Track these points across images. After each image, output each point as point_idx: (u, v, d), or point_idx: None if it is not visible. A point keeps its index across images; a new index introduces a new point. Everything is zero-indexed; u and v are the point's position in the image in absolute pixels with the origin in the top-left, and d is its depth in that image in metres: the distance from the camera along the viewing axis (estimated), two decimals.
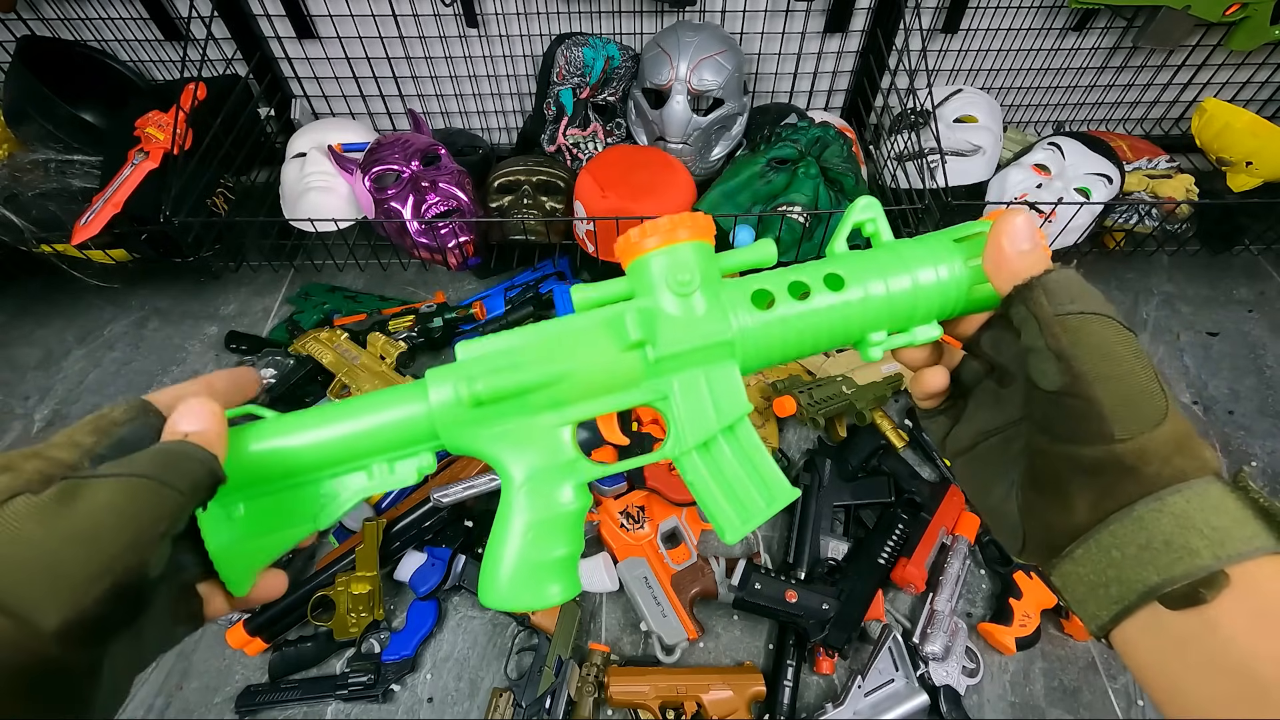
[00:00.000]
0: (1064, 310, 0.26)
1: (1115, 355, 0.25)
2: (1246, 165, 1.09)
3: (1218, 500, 0.24)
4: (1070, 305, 0.26)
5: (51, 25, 1.15)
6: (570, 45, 1.13)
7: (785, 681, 0.77)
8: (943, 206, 1.00)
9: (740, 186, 1.04)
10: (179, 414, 0.25)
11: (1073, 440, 0.25)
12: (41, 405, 1.07)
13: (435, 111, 1.30)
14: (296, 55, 1.20)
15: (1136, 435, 0.24)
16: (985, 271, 0.29)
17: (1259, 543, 0.23)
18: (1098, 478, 0.25)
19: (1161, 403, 0.25)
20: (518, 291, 1.14)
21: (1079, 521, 0.25)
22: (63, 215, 0.99)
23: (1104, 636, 0.26)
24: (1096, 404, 0.24)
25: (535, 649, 0.79)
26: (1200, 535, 0.23)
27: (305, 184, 1.07)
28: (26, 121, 1.04)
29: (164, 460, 0.22)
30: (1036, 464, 0.27)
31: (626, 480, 0.88)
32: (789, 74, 1.25)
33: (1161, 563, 0.23)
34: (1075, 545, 0.26)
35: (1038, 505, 0.27)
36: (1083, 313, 0.25)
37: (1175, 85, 1.31)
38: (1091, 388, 0.24)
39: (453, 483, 0.85)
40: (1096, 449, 0.24)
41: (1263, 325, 1.18)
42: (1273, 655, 0.21)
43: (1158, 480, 0.24)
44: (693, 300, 0.30)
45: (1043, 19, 1.20)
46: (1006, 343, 0.29)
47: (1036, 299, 0.26)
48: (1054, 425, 0.26)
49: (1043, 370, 0.26)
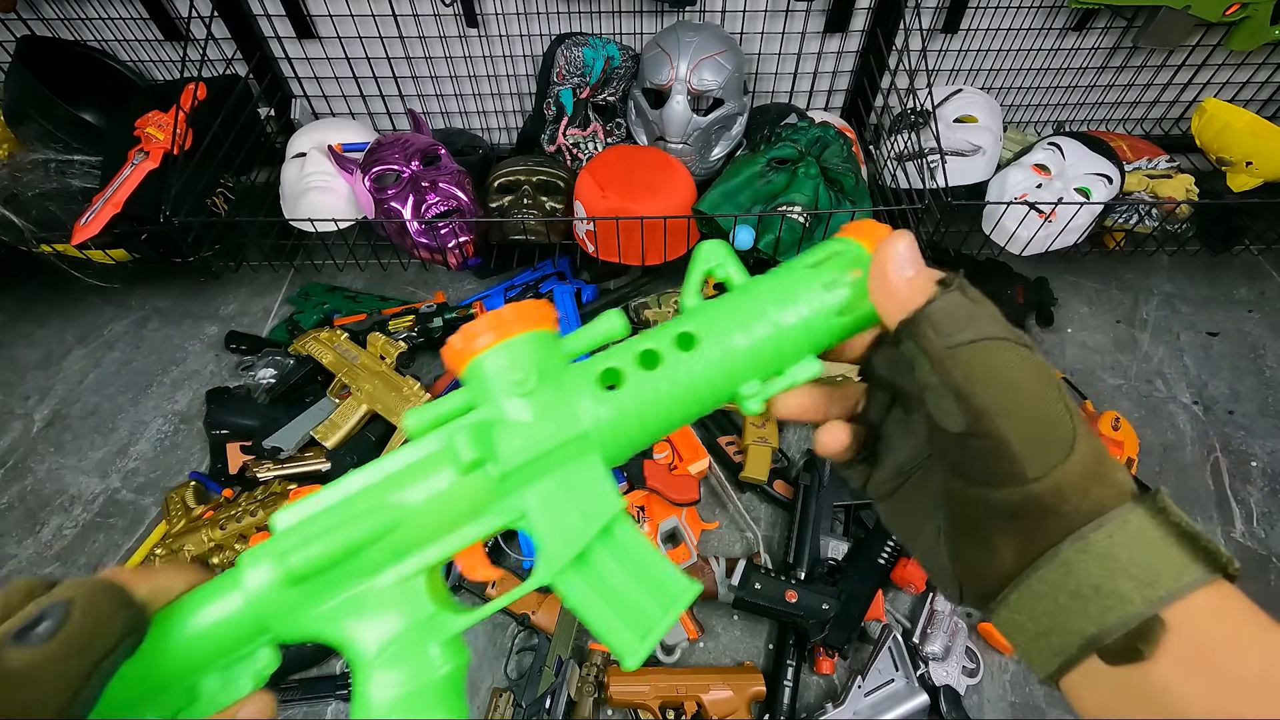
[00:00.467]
0: (954, 342, 0.24)
1: (1016, 384, 0.23)
2: (1246, 165, 1.09)
3: (1139, 531, 0.23)
4: (960, 335, 0.24)
5: (51, 25, 1.15)
6: (570, 45, 1.13)
7: (785, 681, 0.77)
8: (943, 206, 1.00)
9: (740, 186, 1.04)
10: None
11: (986, 483, 0.24)
12: (41, 405, 1.07)
13: (435, 111, 1.30)
14: (296, 55, 1.20)
15: (1050, 471, 0.23)
16: (874, 304, 0.27)
17: (1188, 577, 0.22)
18: (1017, 520, 0.24)
19: (1069, 428, 0.23)
20: (518, 291, 1.14)
21: (1007, 569, 0.24)
22: (63, 215, 0.99)
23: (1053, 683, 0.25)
24: (1004, 443, 0.23)
25: (535, 649, 0.79)
26: (1128, 577, 0.22)
27: (305, 184, 1.07)
28: (26, 121, 1.04)
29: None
30: (955, 509, 0.26)
31: (626, 480, 0.88)
32: (789, 74, 1.25)
33: (1094, 612, 0.22)
34: (1009, 591, 0.24)
35: (966, 553, 0.26)
36: (975, 340, 0.24)
37: (1175, 85, 1.31)
38: (996, 425, 0.23)
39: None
40: (1012, 491, 0.23)
41: (1263, 325, 1.18)
42: (1206, 695, 0.21)
43: (1077, 516, 0.23)
44: (535, 399, 0.26)
45: (1043, 19, 1.20)
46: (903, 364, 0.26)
47: (923, 333, 0.24)
48: (964, 468, 0.24)
49: (943, 409, 0.24)
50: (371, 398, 0.95)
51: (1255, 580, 0.88)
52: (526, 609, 0.81)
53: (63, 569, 0.89)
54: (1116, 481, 0.24)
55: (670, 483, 0.88)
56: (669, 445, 0.94)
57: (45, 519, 0.94)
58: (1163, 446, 1.01)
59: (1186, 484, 0.97)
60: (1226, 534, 0.92)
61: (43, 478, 0.98)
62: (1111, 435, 0.94)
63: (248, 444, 0.95)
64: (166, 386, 1.09)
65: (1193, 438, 1.02)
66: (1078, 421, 0.24)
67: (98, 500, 0.96)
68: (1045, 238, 1.04)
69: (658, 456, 0.92)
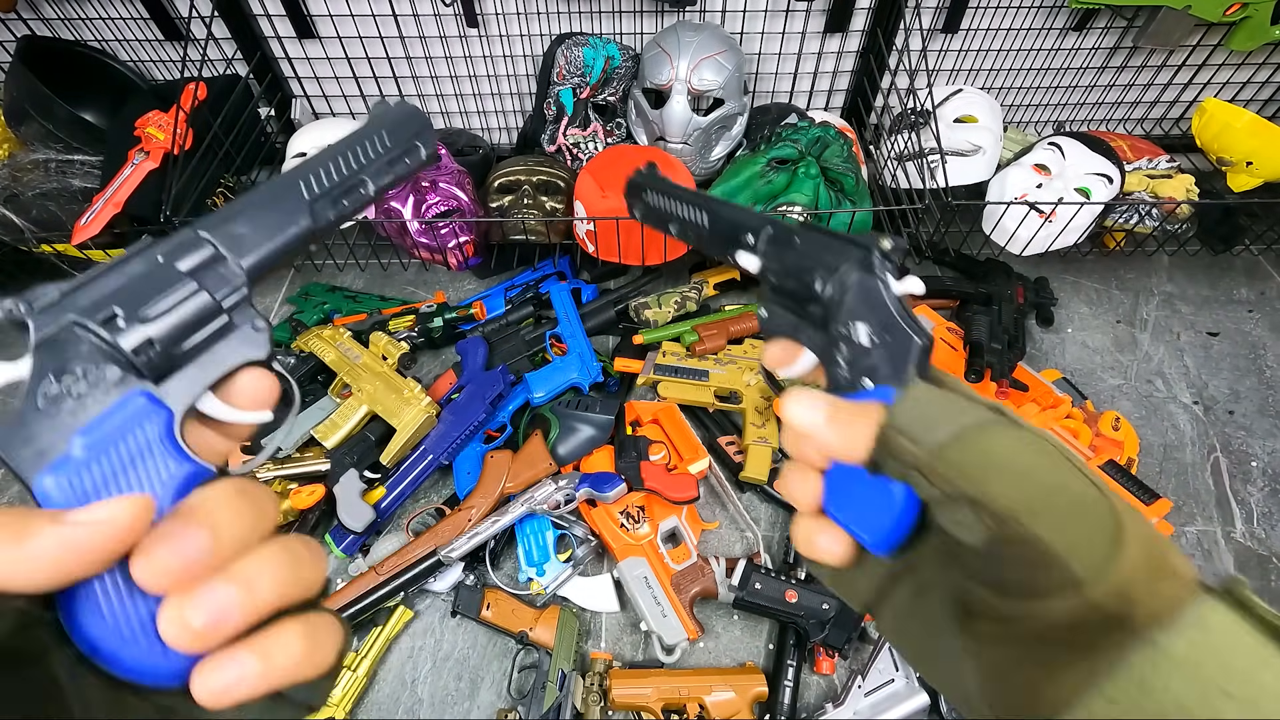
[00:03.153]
0: (939, 441, 0.21)
1: (1034, 469, 0.20)
2: (1246, 165, 1.09)
3: (1225, 632, 0.19)
4: (942, 431, 0.21)
5: (51, 25, 1.15)
6: (570, 45, 1.13)
7: (786, 682, 0.77)
8: (943, 206, 1.00)
9: (740, 186, 1.04)
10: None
11: (1033, 595, 0.20)
12: None
13: (435, 111, 1.30)
14: (296, 55, 1.20)
15: (1104, 567, 0.19)
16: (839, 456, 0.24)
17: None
18: (1081, 634, 0.19)
19: (1108, 510, 0.20)
20: (518, 291, 1.14)
21: (1066, 694, 0.20)
22: (63, 215, 0.99)
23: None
24: (1041, 544, 0.19)
25: (536, 665, 0.79)
26: (1225, 696, 0.18)
27: None
28: (26, 121, 1.04)
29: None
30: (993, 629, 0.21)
31: (625, 481, 0.88)
32: (789, 74, 1.25)
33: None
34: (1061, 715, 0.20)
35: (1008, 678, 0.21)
36: (961, 433, 0.21)
37: (1175, 85, 1.31)
38: (1027, 526, 0.19)
39: (456, 537, 0.83)
40: (1068, 600, 0.19)
41: (1263, 325, 1.18)
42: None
43: (1150, 619, 0.19)
44: None
45: (1043, 19, 1.20)
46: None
47: (900, 448, 0.21)
48: (1003, 582, 0.20)
49: (956, 521, 0.21)
50: (372, 398, 0.95)
51: (1255, 580, 0.88)
52: (523, 626, 0.81)
53: None
54: (1181, 569, 0.20)
55: (669, 482, 0.88)
56: (668, 446, 0.94)
57: None
58: (1163, 446, 1.01)
59: (1186, 484, 0.97)
60: (1227, 534, 0.92)
61: None
62: (1111, 435, 0.94)
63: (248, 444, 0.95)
64: None
65: (1193, 438, 1.02)
66: (1113, 499, 0.20)
67: None
68: (1045, 238, 1.04)
69: (655, 458, 0.92)
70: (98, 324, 0.22)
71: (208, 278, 0.24)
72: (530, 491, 0.88)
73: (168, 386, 0.23)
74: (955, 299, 1.12)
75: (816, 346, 0.29)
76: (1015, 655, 0.21)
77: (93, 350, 0.21)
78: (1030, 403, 0.94)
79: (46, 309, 0.22)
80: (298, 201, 0.26)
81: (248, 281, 0.25)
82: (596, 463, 0.92)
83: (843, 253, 0.28)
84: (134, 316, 0.22)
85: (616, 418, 0.96)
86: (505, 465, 0.90)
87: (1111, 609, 0.19)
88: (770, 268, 0.31)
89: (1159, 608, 0.19)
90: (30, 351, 0.21)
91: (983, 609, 0.22)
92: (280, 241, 0.26)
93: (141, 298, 0.22)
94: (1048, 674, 0.20)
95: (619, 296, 1.12)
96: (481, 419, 0.94)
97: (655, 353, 1.02)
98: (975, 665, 0.22)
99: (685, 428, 0.96)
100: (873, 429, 0.22)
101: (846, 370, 0.27)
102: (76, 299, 0.22)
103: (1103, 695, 0.19)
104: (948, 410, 0.22)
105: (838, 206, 1.03)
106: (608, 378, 1.02)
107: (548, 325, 1.07)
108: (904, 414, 0.22)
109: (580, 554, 0.87)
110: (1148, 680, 0.18)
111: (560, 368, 1.00)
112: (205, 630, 0.18)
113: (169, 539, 0.18)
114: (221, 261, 0.24)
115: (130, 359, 0.22)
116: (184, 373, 0.23)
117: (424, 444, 0.92)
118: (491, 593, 0.83)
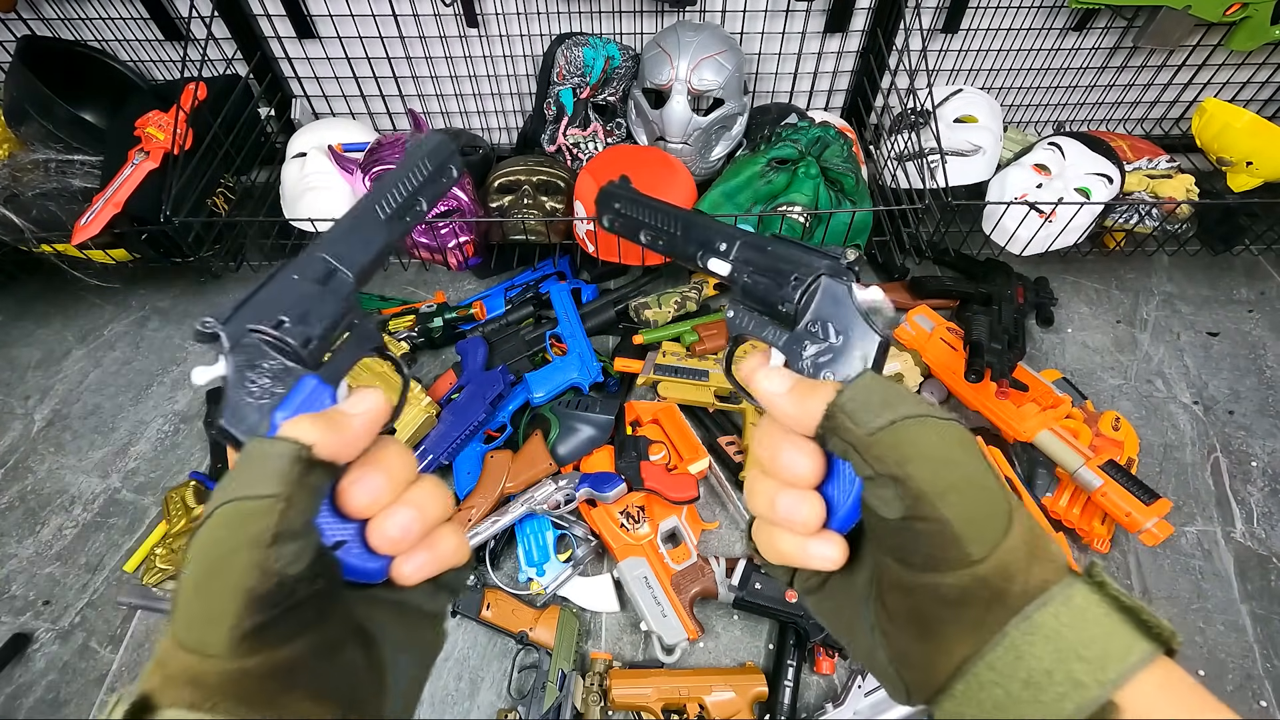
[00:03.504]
0: (877, 426, 0.24)
1: (950, 460, 0.23)
2: (1246, 165, 1.09)
3: (1084, 608, 0.23)
4: (880, 418, 0.24)
5: (51, 25, 1.15)
6: (570, 45, 1.13)
7: (786, 682, 0.77)
8: (943, 206, 1.00)
9: (740, 186, 1.04)
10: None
11: (931, 569, 0.23)
12: (41, 405, 1.07)
13: (435, 111, 1.30)
14: (296, 55, 1.20)
15: (993, 549, 0.23)
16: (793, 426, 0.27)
17: (1135, 655, 0.21)
18: (967, 607, 0.23)
19: (1004, 501, 0.23)
20: (518, 291, 1.14)
21: (956, 661, 0.23)
22: (63, 215, 0.99)
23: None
24: (945, 524, 0.22)
25: (536, 666, 0.79)
26: (1080, 660, 0.22)
27: (305, 184, 1.07)
28: (26, 121, 1.04)
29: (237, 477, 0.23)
30: (896, 599, 0.25)
31: (625, 481, 0.88)
32: (789, 74, 1.25)
33: (1049, 700, 0.21)
34: (954, 680, 0.24)
35: (910, 647, 0.25)
36: (897, 421, 0.24)
37: (1175, 85, 1.31)
38: (936, 507, 0.22)
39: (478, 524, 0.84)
40: (960, 575, 0.23)
41: (1263, 325, 1.18)
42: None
43: (1024, 597, 0.23)
44: None
45: (1043, 19, 1.20)
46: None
47: (843, 426, 0.24)
48: (907, 554, 0.24)
49: (881, 497, 0.24)
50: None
51: (1256, 580, 0.88)
52: (523, 626, 0.81)
53: (63, 569, 0.89)
54: (1054, 555, 0.24)
55: (669, 482, 0.88)
56: (668, 446, 0.94)
57: (45, 519, 0.94)
58: (1163, 446, 1.01)
59: (1186, 484, 0.97)
60: (1227, 534, 0.92)
61: (43, 477, 0.98)
62: (1111, 435, 0.94)
63: None
64: (166, 386, 1.09)
65: (1193, 438, 1.02)
66: (1009, 493, 0.24)
67: (98, 500, 0.96)
68: (1045, 238, 1.04)
69: (655, 458, 0.92)
70: (272, 328, 0.28)
71: (333, 287, 0.31)
72: (530, 491, 0.88)
73: (324, 371, 0.29)
74: (955, 299, 1.11)
75: (782, 344, 0.31)
76: (916, 627, 0.24)
77: (272, 348, 0.28)
78: (1030, 403, 0.94)
79: (228, 320, 0.28)
80: (377, 222, 0.33)
81: (357, 288, 0.32)
82: (596, 463, 0.92)
83: (813, 261, 0.31)
84: (298, 320, 0.29)
85: (616, 418, 0.96)
86: (505, 465, 0.90)
87: (995, 584, 0.23)
88: (741, 271, 0.33)
89: (1033, 586, 0.23)
90: (226, 354, 0.28)
91: (891, 581, 0.25)
92: (372, 254, 0.33)
93: (298, 305, 0.29)
94: (939, 644, 0.24)
95: (619, 296, 1.12)
96: (481, 419, 0.94)
97: (655, 353, 1.02)
98: (884, 639, 0.26)
99: (685, 428, 0.96)
100: (823, 405, 0.25)
101: (810, 365, 0.30)
102: (245, 313, 0.29)
103: (985, 662, 0.23)
104: (890, 400, 0.24)
105: (838, 206, 1.03)
106: (608, 378, 1.02)
107: (548, 325, 1.07)
108: (852, 398, 0.25)
109: (580, 554, 0.87)
110: (1020, 647, 0.22)
111: (560, 368, 1.00)
112: (398, 539, 0.26)
113: (360, 480, 0.26)
114: (338, 274, 0.31)
115: (299, 352, 0.28)
116: (334, 361, 0.30)
117: (424, 444, 0.92)
118: (491, 593, 0.83)
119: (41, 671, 0.81)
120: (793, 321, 0.31)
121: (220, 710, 0.21)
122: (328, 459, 0.24)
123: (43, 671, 0.81)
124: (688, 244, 0.36)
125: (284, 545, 0.22)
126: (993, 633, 0.23)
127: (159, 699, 0.22)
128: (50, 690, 0.80)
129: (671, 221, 0.37)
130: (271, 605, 0.22)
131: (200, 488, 0.93)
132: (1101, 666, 0.21)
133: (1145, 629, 0.22)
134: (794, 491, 0.27)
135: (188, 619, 0.22)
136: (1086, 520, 0.88)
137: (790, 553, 0.28)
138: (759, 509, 0.29)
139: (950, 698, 0.24)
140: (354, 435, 0.26)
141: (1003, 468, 0.90)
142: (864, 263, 0.23)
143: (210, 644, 0.21)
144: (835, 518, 0.27)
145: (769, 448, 0.28)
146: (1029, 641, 0.22)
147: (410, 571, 0.27)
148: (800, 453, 0.27)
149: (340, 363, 0.30)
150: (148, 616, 0.85)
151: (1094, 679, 0.21)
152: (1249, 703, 0.79)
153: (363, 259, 0.32)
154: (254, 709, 0.22)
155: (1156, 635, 0.22)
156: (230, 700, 0.22)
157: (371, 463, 0.27)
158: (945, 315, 1.08)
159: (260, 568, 0.22)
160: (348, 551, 0.26)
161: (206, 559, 0.22)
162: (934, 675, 0.24)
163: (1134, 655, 0.21)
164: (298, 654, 0.23)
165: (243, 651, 0.21)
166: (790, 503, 0.27)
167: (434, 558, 0.28)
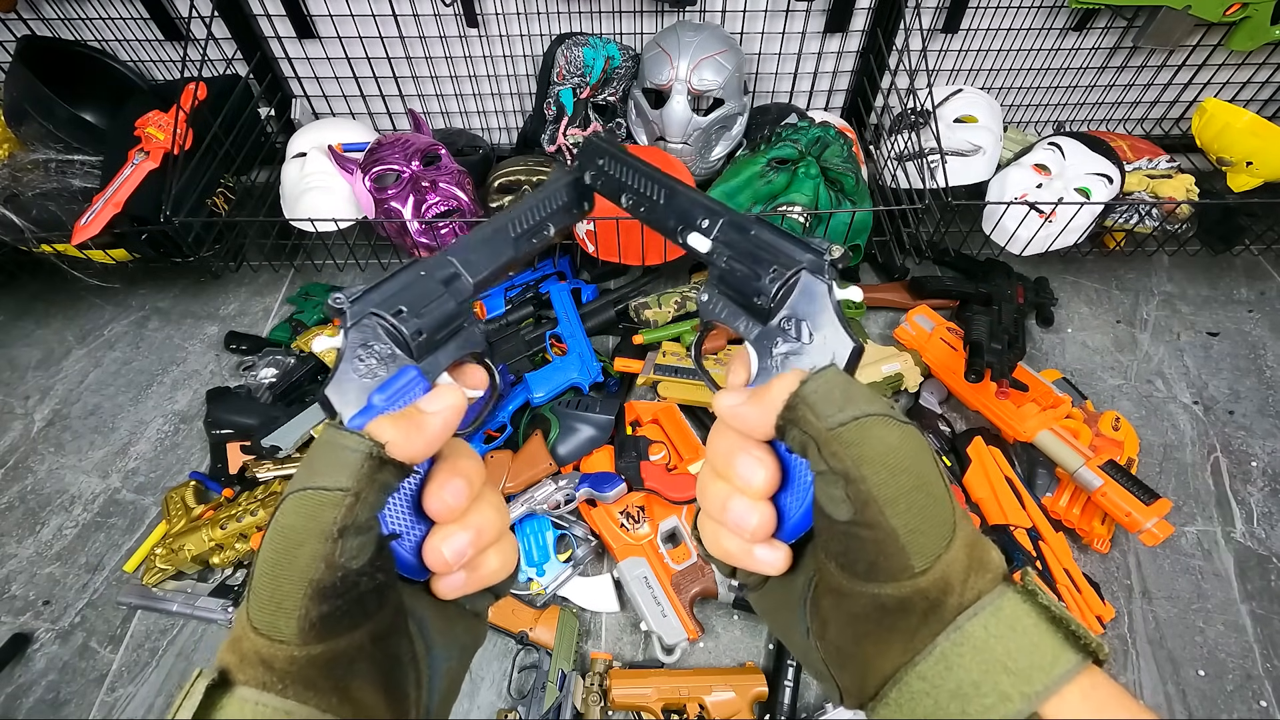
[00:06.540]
0: (836, 421, 0.23)
1: (902, 467, 0.23)
2: (1246, 165, 1.09)
3: (1014, 618, 0.22)
4: (842, 413, 0.23)
5: (51, 25, 1.15)
6: (570, 45, 1.13)
7: (786, 681, 0.77)
8: (943, 206, 1.00)
9: (740, 186, 1.04)
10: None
11: (873, 577, 0.23)
12: (41, 405, 1.07)
13: (435, 111, 1.30)
14: (296, 55, 1.20)
15: (935, 561, 0.22)
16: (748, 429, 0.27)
17: (1060, 667, 0.21)
18: (904, 617, 0.23)
19: (949, 510, 0.23)
20: (518, 291, 1.14)
21: (890, 669, 0.24)
22: (63, 215, 0.99)
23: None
24: (891, 534, 0.22)
25: (536, 665, 0.79)
26: (1006, 672, 0.22)
27: (305, 184, 1.07)
28: (26, 121, 1.04)
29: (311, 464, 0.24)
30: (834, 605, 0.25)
31: (625, 481, 0.88)
32: (789, 74, 1.25)
33: (975, 711, 0.22)
34: (888, 687, 0.24)
35: (846, 651, 0.25)
36: (857, 418, 0.23)
37: (1175, 85, 1.31)
38: (884, 514, 0.22)
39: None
40: (900, 586, 0.23)
41: (1263, 325, 1.18)
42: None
43: (959, 609, 0.23)
44: None
45: (1043, 19, 1.20)
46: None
47: (803, 418, 0.24)
48: (850, 561, 0.23)
49: (831, 496, 0.23)
50: None
51: (1256, 580, 0.88)
52: (523, 626, 0.81)
53: (62, 569, 0.89)
54: (991, 564, 0.24)
55: (669, 482, 0.88)
56: (668, 446, 0.94)
57: (45, 519, 0.94)
58: (1163, 446, 1.01)
59: (1186, 484, 0.97)
60: (1227, 534, 0.92)
61: (43, 477, 0.98)
62: (1111, 435, 0.94)
63: (247, 444, 0.95)
64: (166, 386, 1.09)
65: (1193, 438, 1.02)
66: (955, 503, 0.23)
67: (98, 500, 0.96)
68: (1045, 238, 1.04)
69: (655, 458, 0.92)
70: (390, 315, 0.30)
71: (454, 289, 0.32)
72: (530, 491, 0.88)
73: (424, 365, 0.31)
74: (955, 299, 1.11)
75: (754, 337, 0.30)
76: (852, 632, 0.24)
77: (385, 333, 0.30)
78: (1030, 402, 0.94)
79: (355, 301, 0.30)
80: (506, 238, 0.35)
81: (474, 295, 0.33)
82: (596, 463, 0.92)
83: (796, 253, 0.30)
84: (414, 313, 0.30)
85: (616, 418, 0.96)
86: (505, 465, 0.90)
87: (932, 595, 0.22)
88: (721, 253, 0.32)
89: (968, 598, 0.23)
90: (345, 330, 0.30)
91: (830, 585, 0.25)
92: (496, 266, 0.35)
93: (418, 299, 0.31)
94: (876, 651, 0.24)
95: (619, 296, 1.12)
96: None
97: (655, 353, 1.02)
98: (819, 641, 0.26)
99: (685, 428, 0.96)
100: (786, 395, 0.25)
101: (779, 363, 0.29)
102: (372, 297, 0.30)
103: (916, 672, 0.23)
104: (853, 396, 0.24)
105: (838, 206, 1.03)
106: (608, 378, 1.02)
107: (548, 325, 1.07)
108: (815, 390, 0.24)
109: (580, 554, 0.87)
110: (950, 658, 0.22)
111: (560, 368, 1.00)
112: (449, 563, 0.27)
113: (444, 485, 0.27)
114: (460, 278, 0.33)
115: (409, 342, 0.30)
116: (435, 356, 0.31)
117: None
118: None
119: (41, 671, 0.81)
120: (766, 316, 0.30)
121: (289, 694, 0.23)
122: (400, 460, 0.25)
123: (43, 671, 0.81)
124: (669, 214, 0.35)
125: (349, 539, 0.23)
126: (925, 643, 0.23)
127: (235, 675, 0.23)
128: (50, 690, 0.80)
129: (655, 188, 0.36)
130: (336, 596, 0.23)
131: (200, 488, 0.93)
132: (1027, 679, 0.21)
133: (1074, 640, 0.22)
134: (746, 500, 0.27)
135: (260, 603, 0.23)
136: (1086, 520, 0.88)
137: (734, 553, 0.28)
138: (709, 510, 0.28)
139: (884, 704, 0.24)
140: (428, 438, 0.26)
141: (1003, 468, 0.90)
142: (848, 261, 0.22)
143: (280, 630, 0.22)
144: (784, 527, 0.27)
145: (725, 453, 0.27)
146: (958, 653, 0.22)
147: (446, 589, 0.28)
148: (758, 464, 0.26)
149: (440, 360, 0.32)
150: (148, 616, 0.85)
151: (1019, 691, 0.21)
152: (1249, 703, 0.79)
153: (485, 270, 0.34)
154: (320, 694, 0.23)
155: (1084, 646, 0.22)
156: (298, 685, 0.23)
157: (457, 471, 0.27)
158: (945, 315, 1.08)
159: (325, 560, 0.22)
160: (401, 544, 0.27)
161: (277, 546, 0.23)
162: (868, 682, 0.24)
163: (1060, 667, 0.22)
164: (359, 642, 0.24)
165: (310, 639, 0.22)
166: (742, 510, 0.26)
167: (475, 579, 0.28)
